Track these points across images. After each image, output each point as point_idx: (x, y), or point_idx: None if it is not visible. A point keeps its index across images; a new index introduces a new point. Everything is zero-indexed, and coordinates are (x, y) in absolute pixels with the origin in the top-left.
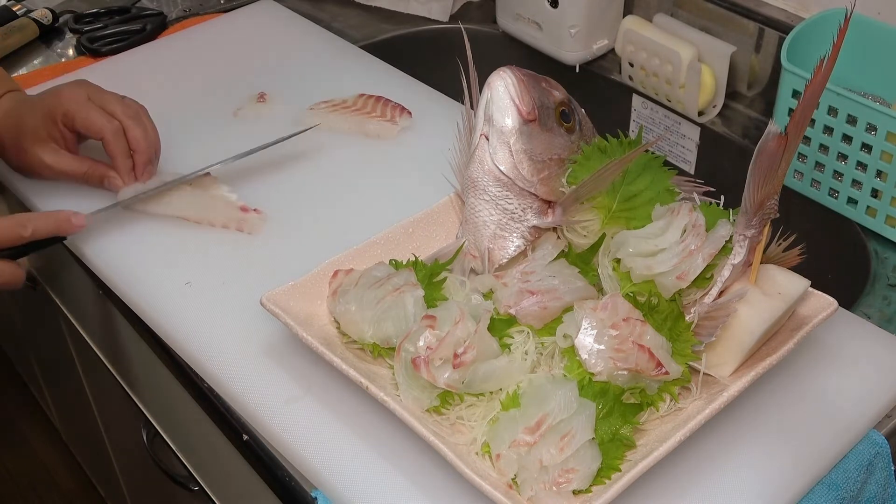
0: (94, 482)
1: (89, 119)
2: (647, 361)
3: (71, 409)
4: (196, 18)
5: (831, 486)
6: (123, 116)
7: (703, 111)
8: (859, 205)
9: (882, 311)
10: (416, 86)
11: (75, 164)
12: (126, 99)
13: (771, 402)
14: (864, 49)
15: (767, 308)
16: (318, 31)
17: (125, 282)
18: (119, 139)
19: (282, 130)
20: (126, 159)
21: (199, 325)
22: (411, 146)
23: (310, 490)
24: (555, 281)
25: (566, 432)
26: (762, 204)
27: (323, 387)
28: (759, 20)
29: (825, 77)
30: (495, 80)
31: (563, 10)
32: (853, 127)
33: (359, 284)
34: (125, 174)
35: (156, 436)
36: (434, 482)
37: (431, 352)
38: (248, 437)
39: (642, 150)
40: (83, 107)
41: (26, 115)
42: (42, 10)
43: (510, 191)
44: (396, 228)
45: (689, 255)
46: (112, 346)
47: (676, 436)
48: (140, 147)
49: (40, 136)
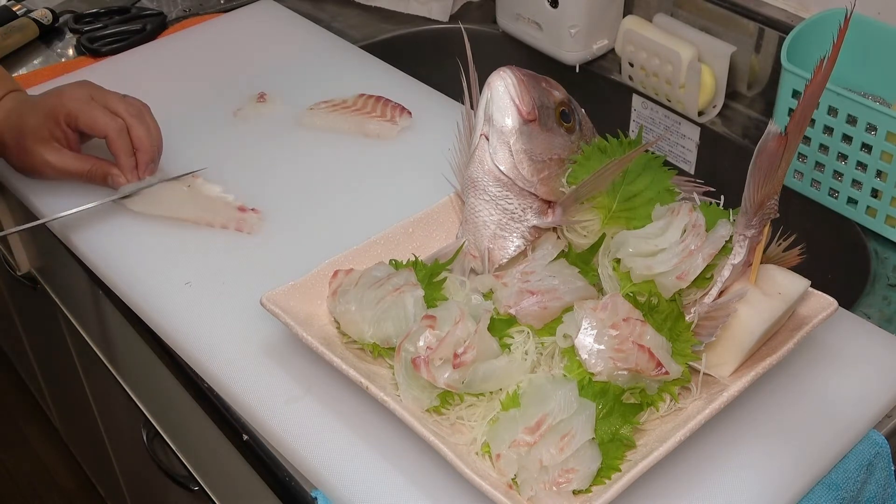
0: (94, 482)
1: (93, 118)
2: (647, 361)
3: (71, 409)
4: (196, 18)
5: (831, 486)
6: (127, 115)
7: (703, 111)
8: (859, 205)
9: (882, 311)
10: (416, 86)
11: (78, 162)
12: (129, 98)
13: (771, 402)
14: (864, 49)
15: (767, 308)
16: (318, 31)
17: (125, 282)
18: (123, 137)
19: (282, 130)
20: (129, 157)
21: (199, 325)
22: (411, 146)
23: (310, 490)
24: (555, 281)
25: (566, 432)
26: (762, 204)
27: (323, 387)
28: (759, 20)
29: (825, 77)
30: (495, 80)
31: (563, 10)
32: (853, 127)
33: (359, 284)
34: (128, 172)
35: (156, 436)
36: (434, 482)
37: (431, 352)
38: (248, 437)
39: (642, 150)
40: (86, 106)
41: (28, 115)
42: (42, 10)
43: (510, 191)
44: (396, 228)
45: (689, 255)
46: (112, 346)
47: (676, 436)
48: (143, 145)
49: (43, 136)
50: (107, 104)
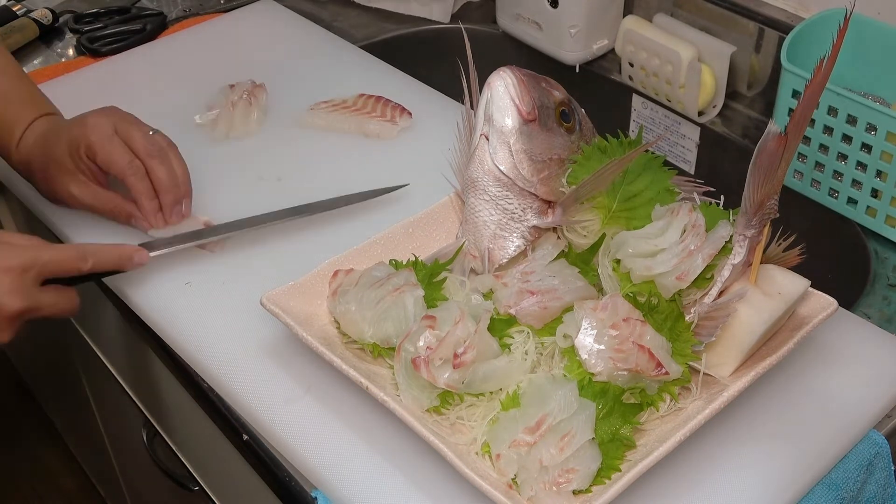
0: (94, 482)
1: (111, 157)
2: (647, 361)
3: (71, 410)
4: (196, 18)
5: (831, 486)
6: (146, 156)
7: (703, 111)
8: (859, 205)
9: (882, 311)
10: (416, 86)
11: (102, 199)
12: (155, 135)
13: (771, 402)
14: (864, 49)
15: (767, 308)
16: (319, 31)
17: (126, 281)
18: (141, 180)
19: (282, 130)
20: (151, 201)
21: (199, 325)
22: (411, 146)
23: (310, 490)
24: (555, 281)
25: (566, 432)
26: (762, 204)
27: (323, 387)
28: (759, 20)
29: (825, 77)
30: (495, 80)
31: (563, 10)
32: (853, 127)
33: (359, 284)
34: (151, 216)
35: (156, 436)
36: (434, 482)
37: (431, 352)
38: (248, 437)
39: (642, 150)
40: (107, 142)
41: (55, 143)
42: (42, 10)
43: (510, 191)
44: (396, 228)
45: (689, 256)
46: (112, 346)
47: (676, 436)
48: (164, 188)
49: (68, 167)
50: (128, 140)
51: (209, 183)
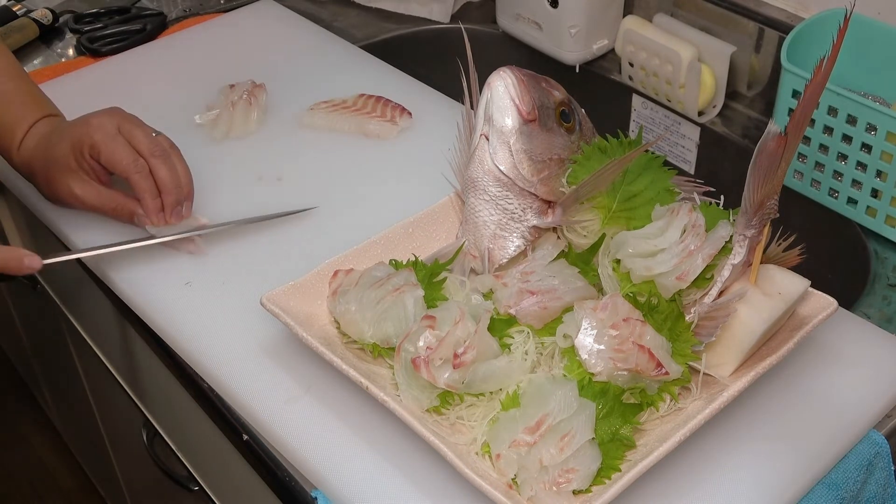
0: (94, 482)
1: (115, 156)
2: (647, 362)
3: (71, 409)
4: (196, 18)
5: (831, 486)
6: (149, 155)
7: (703, 111)
8: (859, 205)
9: (882, 311)
10: (416, 86)
11: (104, 198)
12: (158, 136)
13: (771, 402)
14: (865, 49)
15: (767, 308)
16: (319, 31)
17: (125, 281)
18: (145, 179)
19: (282, 130)
20: (153, 199)
21: (199, 325)
22: (411, 146)
23: (310, 490)
24: (555, 281)
25: (566, 432)
26: (762, 204)
27: (323, 387)
28: (759, 20)
29: (825, 77)
30: (495, 80)
31: (563, 10)
32: (853, 127)
33: (359, 284)
34: (153, 214)
35: (156, 436)
36: (434, 482)
37: (431, 352)
38: (248, 437)
39: (642, 150)
40: (110, 141)
41: (57, 143)
42: (42, 10)
43: (510, 191)
44: (396, 228)
45: (689, 256)
46: (112, 346)
47: (676, 436)
48: (167, 188)
49: (70, 167)
50: (132, 140)
51: (209, 183)
